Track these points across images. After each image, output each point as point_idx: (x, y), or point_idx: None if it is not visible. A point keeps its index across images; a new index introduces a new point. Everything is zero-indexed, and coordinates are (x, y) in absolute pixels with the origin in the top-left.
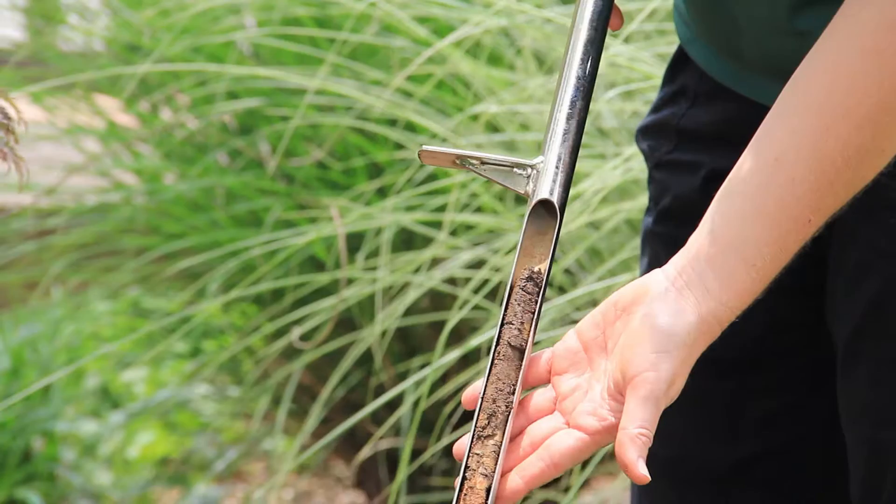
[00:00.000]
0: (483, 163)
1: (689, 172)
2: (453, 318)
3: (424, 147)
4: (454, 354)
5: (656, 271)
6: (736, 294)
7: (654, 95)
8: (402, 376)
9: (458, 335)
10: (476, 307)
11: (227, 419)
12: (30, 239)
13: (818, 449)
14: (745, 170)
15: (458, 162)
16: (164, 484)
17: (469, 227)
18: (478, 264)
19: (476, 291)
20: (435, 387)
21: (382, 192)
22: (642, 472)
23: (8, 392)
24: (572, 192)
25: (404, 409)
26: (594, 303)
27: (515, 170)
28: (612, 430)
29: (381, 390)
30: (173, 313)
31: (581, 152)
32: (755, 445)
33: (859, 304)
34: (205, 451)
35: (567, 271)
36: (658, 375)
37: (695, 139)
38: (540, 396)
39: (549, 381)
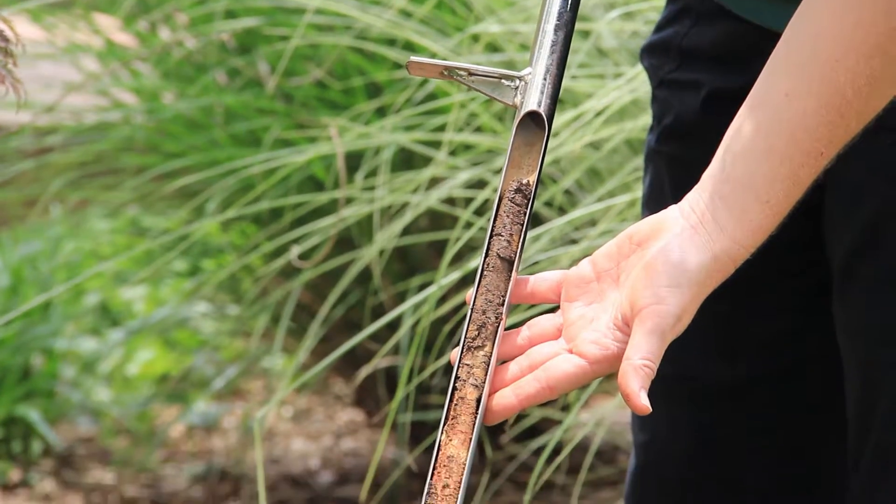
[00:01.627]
0: (471, 74)
1: (691, 92)
2: (455, 239)
3: (413, 58)
4: (454, 276)
5: (672, 207)
6: (750, 232)
7: (653, 16)
8: (402, 295)
9: (457, 254)
10: (475, 227)
11: (227, 337)
12: (29, 157)
13: (817, 370)
14: (755, 105)
15: (445, 73)
16: (164, 401)
17: (468, 147)
18: (477, 184)
19: (475, 211)
20: (434, 306)
21: (381, 112)
22: (644, 402)
23: (7, 309)
24: (572, 112)
25: (404, 330)
26: (593, 223)
27: (503, 81)
28: (612, 360)
29: (379, 309)
30: (172, 232)
31: (580, 72)
32: (754, 367)
33: (856, 225)
34: (204, 368)
35: (566, 192)
36: (667, 309)
37: (697, 58)
38: (547, 321)
39: (553, 302)
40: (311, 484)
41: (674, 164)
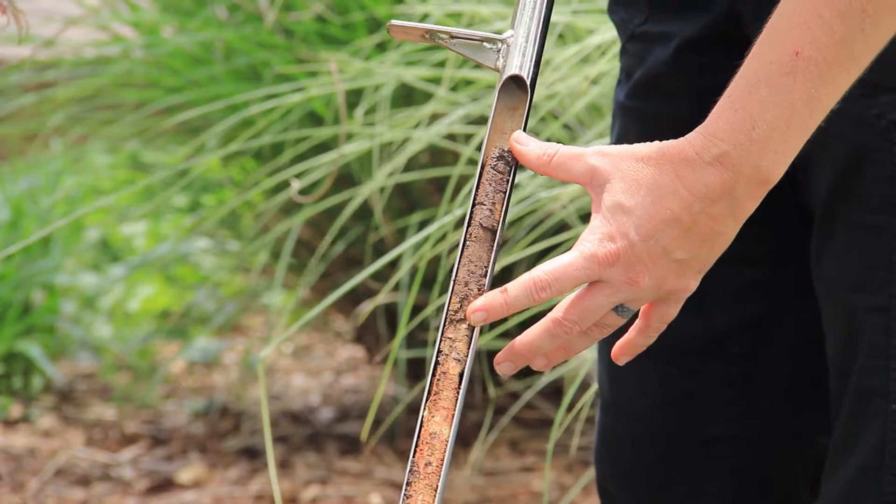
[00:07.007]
0: (452, 37)
1: (662, 44)
2: (455, 175)
3: (393, 22)
4: (457, 213)
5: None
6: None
7: None
8: (402, 232)
9: (457, 191)
10: (476, 163)
11: (227, 273)
12: (29, 91)
13: (789, 319)
14: (756, 67)
15: (427, 36)
16: (165, 337)
17: (468, 82)
18: (477, 119)
19: (476, 147)
20: (434, 243)
21: (382, 47)
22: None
23: (8, 244)
24: (574, 47)
25: (405, 270)
26: None
27: (485, 44)
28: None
29: (380, 245)
30: (173, 167)
31: (582, 7)
32: (728, 319)
33: (834, 168)
34: (204, 304)
35: (566, 126)
36: None
37: (665, 8)
38: None
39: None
40: (312, 420)
41: (642, 120)
